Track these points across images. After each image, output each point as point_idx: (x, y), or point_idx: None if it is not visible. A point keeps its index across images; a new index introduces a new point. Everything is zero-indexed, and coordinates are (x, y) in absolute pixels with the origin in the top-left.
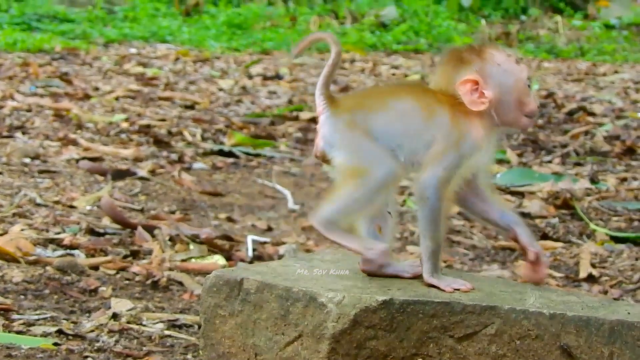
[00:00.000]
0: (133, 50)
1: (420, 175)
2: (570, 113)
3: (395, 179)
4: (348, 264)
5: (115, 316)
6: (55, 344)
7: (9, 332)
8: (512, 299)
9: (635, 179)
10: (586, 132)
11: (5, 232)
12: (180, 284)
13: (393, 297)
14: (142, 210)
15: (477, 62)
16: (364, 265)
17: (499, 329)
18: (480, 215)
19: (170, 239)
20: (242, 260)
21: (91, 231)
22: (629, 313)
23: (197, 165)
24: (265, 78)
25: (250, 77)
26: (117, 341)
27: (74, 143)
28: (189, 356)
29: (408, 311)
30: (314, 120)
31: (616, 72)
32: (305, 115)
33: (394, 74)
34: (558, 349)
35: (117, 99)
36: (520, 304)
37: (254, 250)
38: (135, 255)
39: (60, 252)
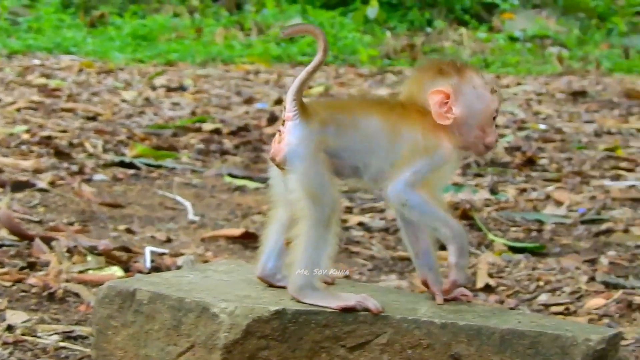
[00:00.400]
0: (36, 62)
1: (387, 186)
2: None
3: (336, 215)
4: (241, 274)
5: (10, 328)
6: None
7: None
8: (404, 309)
9: (534, 189)
10: None
11: None
12: (77, 295)
13: (285, 307)
14: (40, 222)
15: (455, 78)
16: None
17: (391, 338)
18: (408, 238)
19: (68, 251)
20: (140, 272)
21: None
22: (519, 322)
23: (98, 176)
24: (169, 89)
25: (154, 88)
26: (11, 353)
27: None
28: None
29: (300, 321)
30: (216, 131)
31: (519, 83)
32: (208, 126)
33: None
34: (449, 358)
35: (18, 110)
36: (412, 314)
37: (152, 261)
38: (32, 267)
39: None
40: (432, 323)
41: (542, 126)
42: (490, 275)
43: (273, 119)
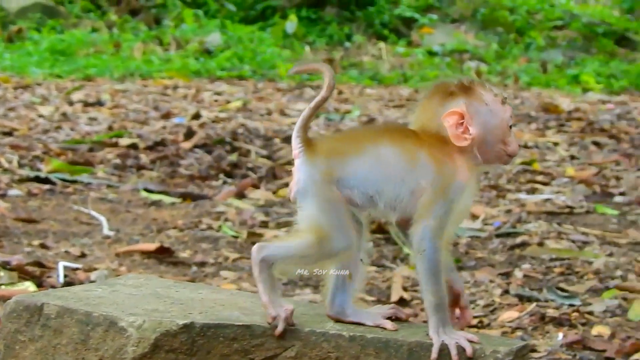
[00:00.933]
0: None
1: (413, 229)
2: None
3: (348, 253)
4: (150, 288)
5: None
6: None
7: None
8: (313, 322)
9: None
10: None
11: None
12: None
13: (194, 321)
14: None
15: (465, 98)
16: (269, 319)
17: (299, 351)
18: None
19: None
20: (53, 287)
21: None
22: (427, 334)
23: (12, 192)
24: (87, 104)
25: (71, 103)
26: None
27: None
28: None
29: (209, 334)
30: (133, 146)
31: None
32: (125, 141)
33: (216, 101)
34: None
35: None
36: (320, 327)
37: (65, 276)
38: None
39: None
40: (341, 336)
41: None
42: (405, 289)
43: (190, 134)
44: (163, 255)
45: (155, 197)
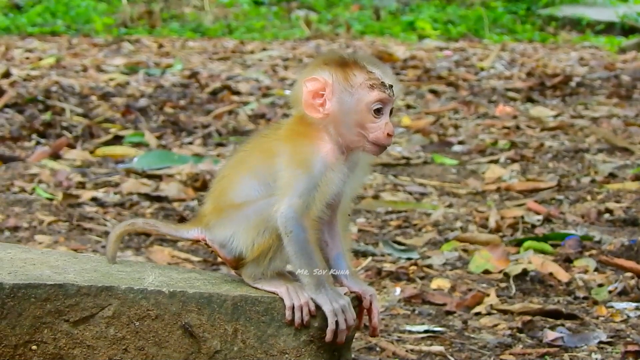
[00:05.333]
0: None
1: (277, 208)
2: (214, 92)
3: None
4: None
5: None
6: None
7: None
8: (130, 279)
9: None
10: (230, 112)
11: None
12: None
13: (3, 282)
14: None
15: (334, 71)
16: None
17: (117, 310)
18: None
19: None
20: None
21: None
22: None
23: None
24: None
25: None
26: None
27: None
28: None
29: (19, 296)
30: None
31: (264, 49)
32: None
33: (28, 58)
34: (180, 329)
35: None
36: (138, 284)
37: None
38: None
39: None
40: (160, 292)
41: (288, 92)
42: None
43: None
44: None
45: None
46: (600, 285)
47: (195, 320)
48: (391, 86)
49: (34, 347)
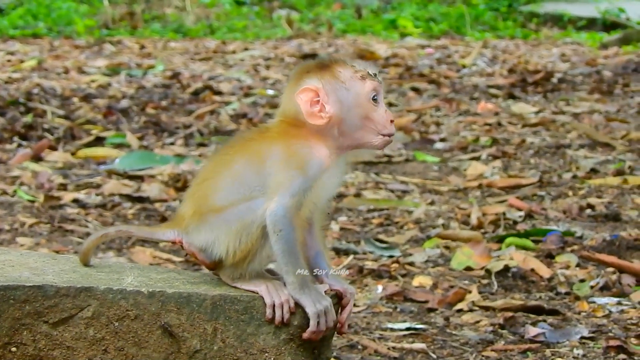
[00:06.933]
0: None
1: (268, 207)
2: (196, 93)
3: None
4: None
5: None
6: None
7: None
8: (109, 279)
9: None
10: (212, 112)
11: None
12: None
13: None
14: None
15: (320, 75)
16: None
17: (96, 311)
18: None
19: None
20: None
21: None
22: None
23: None
24: None
25: None
26: None
27: None
28: None
29: None
30: None
31: (246, 49)
32: None
33: (9, 61)
34: (159, 329)
35: None
36: (117, 284)
37: None
38: None
39: None
40: (139, 292)
41: (270, 91)
42: None
43: None
44: None
45: None
46: (582, 281)
47: (174, 320)
48: (375, 74)
49: (14, 349)
